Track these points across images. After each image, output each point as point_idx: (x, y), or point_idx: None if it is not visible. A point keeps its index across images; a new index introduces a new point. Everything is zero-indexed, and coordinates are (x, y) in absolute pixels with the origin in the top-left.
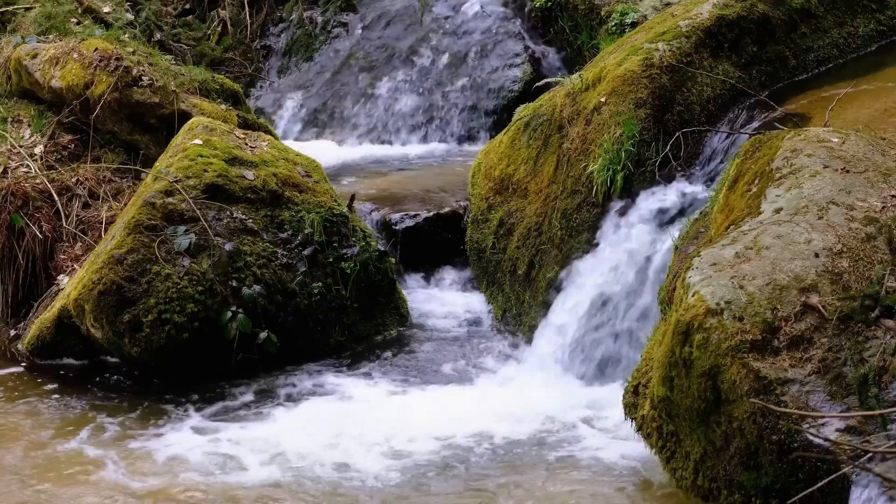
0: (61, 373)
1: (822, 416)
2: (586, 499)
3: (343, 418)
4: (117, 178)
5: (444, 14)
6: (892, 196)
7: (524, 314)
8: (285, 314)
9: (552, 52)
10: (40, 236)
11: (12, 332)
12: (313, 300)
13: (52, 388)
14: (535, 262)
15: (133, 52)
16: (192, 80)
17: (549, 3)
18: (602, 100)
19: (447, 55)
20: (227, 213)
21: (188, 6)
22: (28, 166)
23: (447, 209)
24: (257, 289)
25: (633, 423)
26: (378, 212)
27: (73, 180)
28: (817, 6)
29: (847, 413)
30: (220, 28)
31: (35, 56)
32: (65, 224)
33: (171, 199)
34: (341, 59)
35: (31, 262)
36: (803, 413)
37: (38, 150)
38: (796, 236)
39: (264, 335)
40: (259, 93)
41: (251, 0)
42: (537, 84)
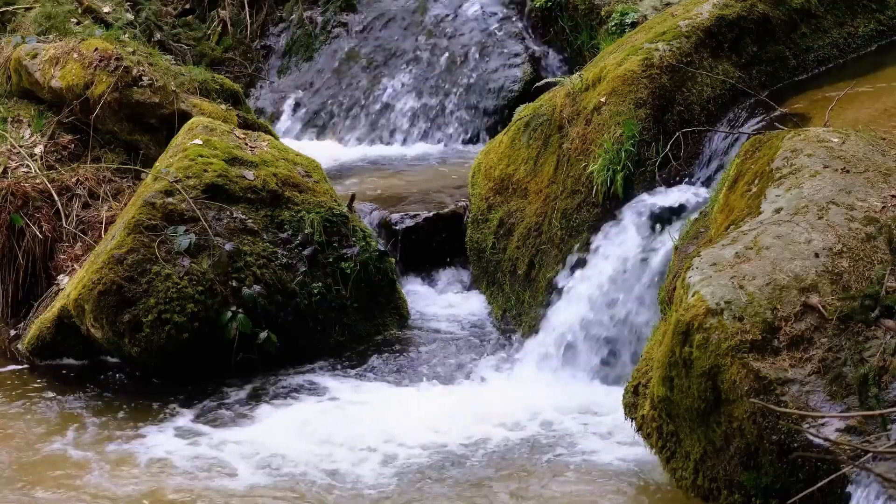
0: (62, 373)
1: (822, 416)
2: (586, 499)
3: (340, 419)
4: (117, 178)
5: (444, 14)
6: (892, 196)
7: (524, 314)
8: (285, 314)
9: (552, 52)
10: (40, 236)
11: (12, 332)
12: (313, 300)
13: (51, 388)
14: (535, 263)
15: (133, 52)
16: (192, 80)
17: (549, 3)
18: (602, 100)
19: (447, 55)
20: (227, 213)
21: (188, 6)
22: (28, 166)
23: (447, 209)
24: (257, 289)
25: (633, 423)
26: (378, 212)
27: (73, 180)
28: (817, 6)
29: (847, 413)
30: (220, 28)
31: (35, 56)
32: (65, 224)
33: (171, 199)
34: (341, 60)
35: (31, 262)
36: (803, 413)
37: (38, 150)
38: (796, 236)
39: (264, 335)
40: (259, 93)
41: (251, 0)
42: (537, 84)
